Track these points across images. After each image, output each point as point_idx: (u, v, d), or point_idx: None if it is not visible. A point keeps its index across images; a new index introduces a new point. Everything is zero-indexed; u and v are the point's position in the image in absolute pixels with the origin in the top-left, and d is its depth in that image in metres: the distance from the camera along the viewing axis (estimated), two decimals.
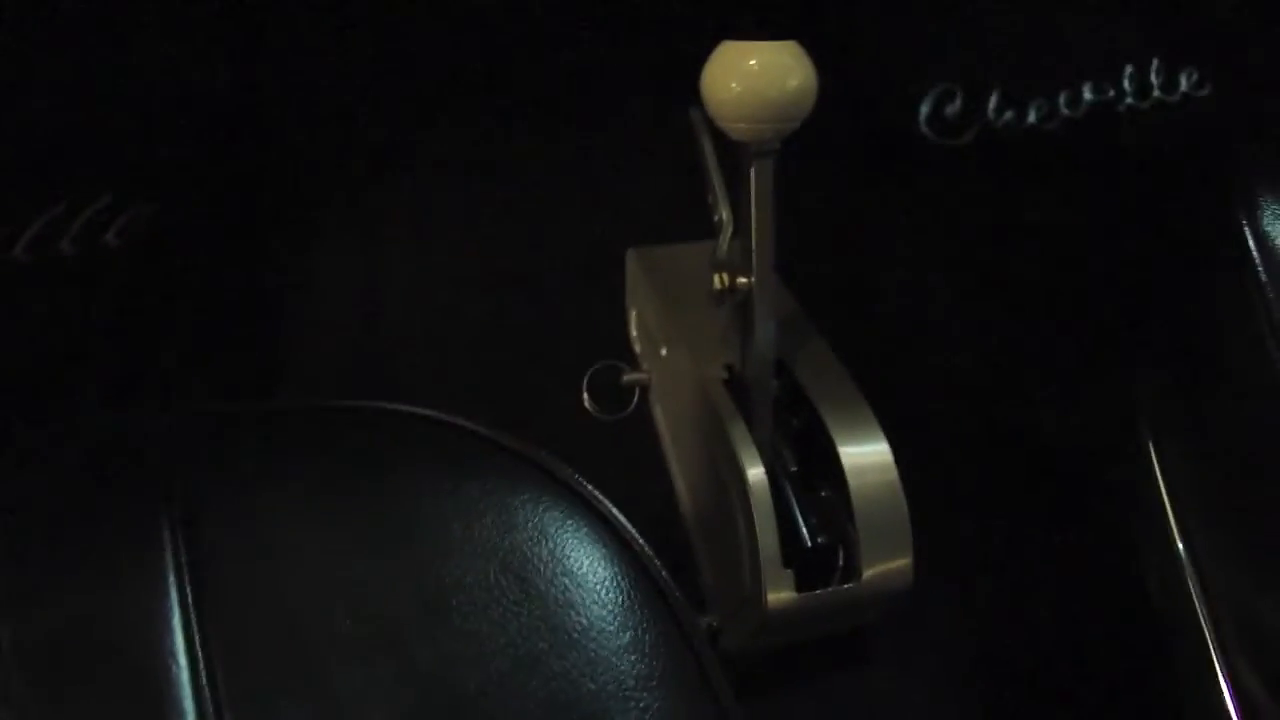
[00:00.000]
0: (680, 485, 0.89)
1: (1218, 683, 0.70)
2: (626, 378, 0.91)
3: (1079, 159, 1.10)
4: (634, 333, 0.95)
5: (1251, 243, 0.66)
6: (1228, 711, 0.69)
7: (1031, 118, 1.11)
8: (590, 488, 0.55)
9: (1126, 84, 1.13)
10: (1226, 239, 0.67)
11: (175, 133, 0.95)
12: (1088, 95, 1.12)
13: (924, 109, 1.10)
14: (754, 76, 0.68)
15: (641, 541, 0.54)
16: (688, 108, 0.81)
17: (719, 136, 0.75)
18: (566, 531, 0.53)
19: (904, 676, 0.89)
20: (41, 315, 0.93)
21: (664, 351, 0.87)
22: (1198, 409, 0.73)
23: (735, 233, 0.77)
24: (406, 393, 0.86)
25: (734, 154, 0.74)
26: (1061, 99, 1.12)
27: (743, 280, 0.75)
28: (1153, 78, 1.14)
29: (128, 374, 0.95)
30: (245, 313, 1.00)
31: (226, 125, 0.98)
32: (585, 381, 0.91)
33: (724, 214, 0.78)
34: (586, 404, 0.91)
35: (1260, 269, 0.65)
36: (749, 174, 0.72)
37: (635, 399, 0.92)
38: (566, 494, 0.54)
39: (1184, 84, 1.14)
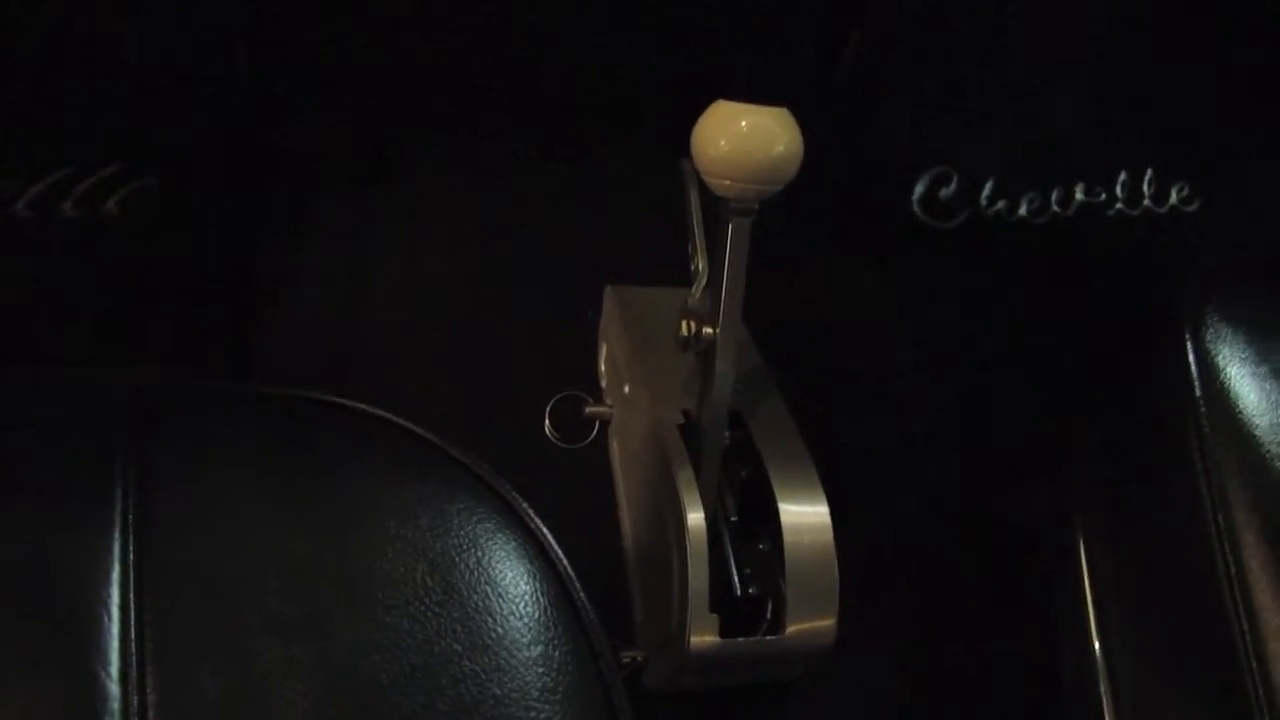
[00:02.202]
0: (625, 520, 0.91)
1: None
2: (589, 410, 0.94)
3: (1061, 255, 1.13)
4: (602, 367, 0.97)
5: (1191, 358, 0.69)
6: None
7: (1023, 210, 1.14)
8: (526, 505, 0.57)
9: (1119, 190, 1.16)
10: (1170, 351, 0.70)
11: (186, 113, 0.98)
12: (1080, 195, 1.16)
13: (918, 189, 1.13)
14: (742, 138, 0.71)
15: (566, 563, 0.56)
16: (680, 158, 0.84)
17: (705, 189, 0.78)
18: (496, 544, 0.55)
19: None
20: (33, 273, 0.96)
21: (627, 389, 0.89)
22: (1126, 512, 0.75)
23: (708, 283, 0.79)
24: (372, 391, 0.88)
25: (716, 208, 0.76)
26: (1055, 196, 1.15)
27: (708, 330, 0.77)
28: (1145, 187, 1.17)
29: (107, 339, 0.97)
30: (229, 295, 1.02)
31: (236, 113, 1.01)
32: (548, 408, 0.93)
33: (700, 264, 0.81)
34: (547, 430, 0.93)
35: (1196, 384, 0.68)
36: (727, 231, 0.74)
37: (595, 431, 0.94)
38: (502, 508, 0.56)
39: (1174, 197, 1.18)
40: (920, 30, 1.13)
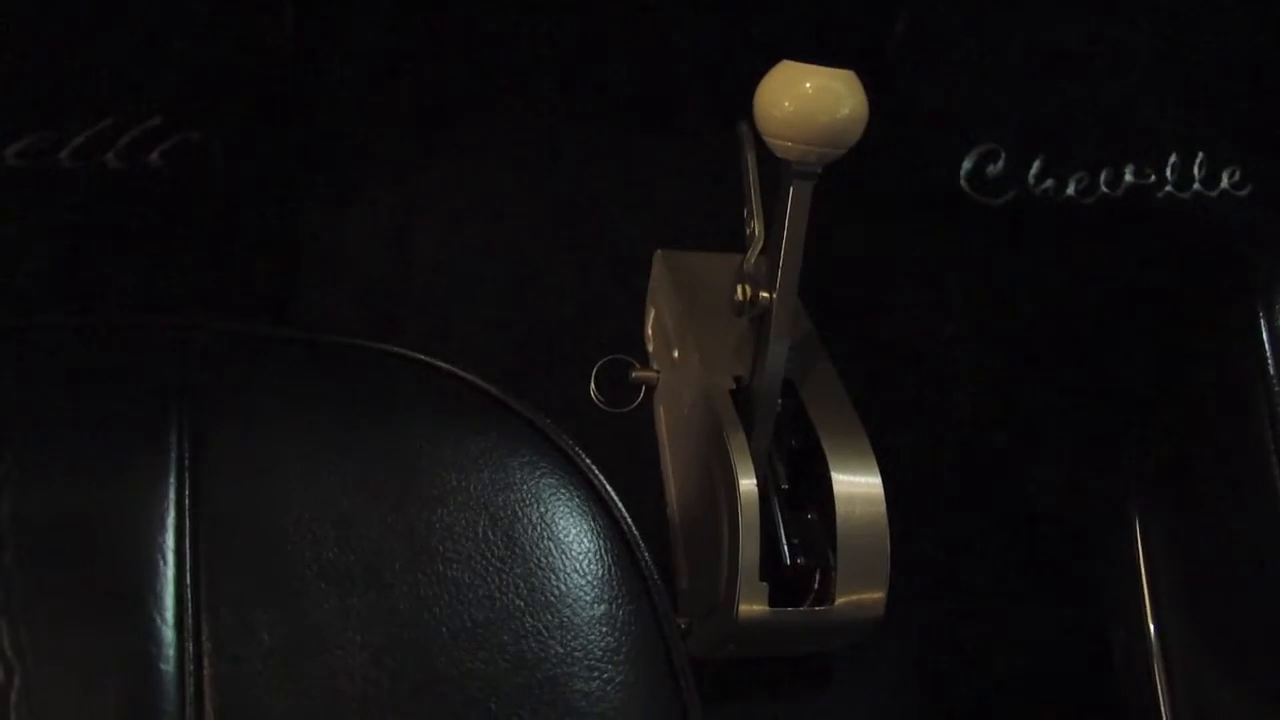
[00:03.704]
0: (671, 486, 0.90)
1: None
2: (635, 374, 0.92)
3: (1109, 237, 1.11)
4: (649, 331, 0.96)
5: (1266, 339, 0.67)
6: None
7: (1071, 189, 1.13)
8: (589, 461, 0.56)
9: (1169, 172, 1.15)
10: (1242, 335, 0.69)
11: (234, 71, 0.97)
12: (1129, 176, 1.14)
13: (966, 165, 1.11)
14: (807, 99, 0.70)
15: (630, 521, 0.55)
16: (734, 120, 0.83)
17: (763, 152, 0.76)
18: (559, 499, 0.54)
19: (864, 710, 0.90)
20: (76, 223, 0.95)
21: (676, 354, 0.88)
22: (1188, 499, 0.74)
23: (764, 248, 0.78)
24: (420, 346, 0.88)
25: (775, 171, 0.75)
26: (1103, 176, 1.13)
27: (764, 295, 0.76)
28: (1195, 170, 1.15)
29: (149, 293, 0.97)
30: (273, 254, 1.01)
31: (283, 73, 1.00)
32: (594, 372, 0.92)
33: (757, 228, 0.80)
34: (593, 394, 0.92)
35: (1270, 365, 0.67)
36: (787, 193, 0.73)
37: (640, 396, 0.93)
38: (565, 464, 0.55)
39: (1225, 181, 1.16)
40: (970, 5, 1.11)
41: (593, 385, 0.92)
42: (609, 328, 0.98)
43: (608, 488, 0.56)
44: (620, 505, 0.56)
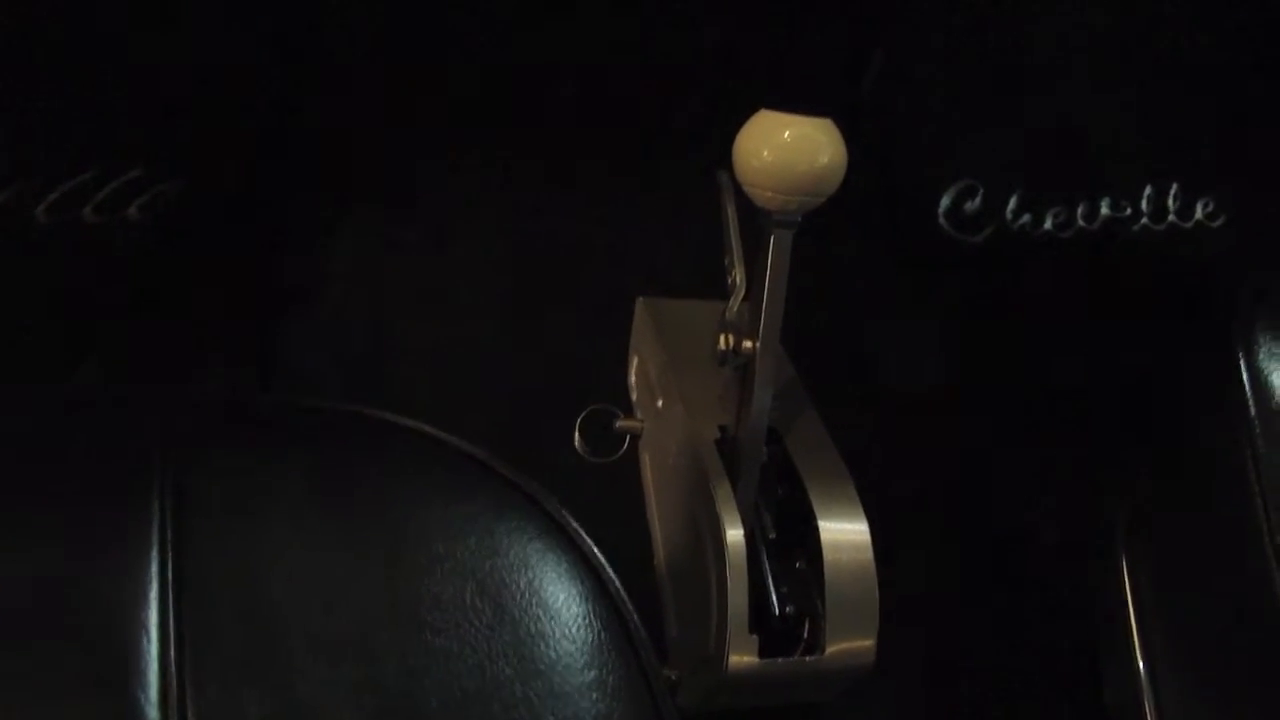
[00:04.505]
0: (658, 535, 0.89)
1: None
2: (619, 424, 0.92)
3: (1088, 271, 1.12)
4: (633, 380, 0.96)
5: (1245, 377, 0.67)
6: None
7: (1048, 224, 1.13)
8: (575, 525, 0.56)
9: (1144, 204, 1.15)
10: (1221, 369, 0.69)
11: (212, 119, 0.96)
12: (1105, 210, 1.14)
13: (944, 202, 1.12)
14: (786, 148, 0.70)
15: (618, 584, 0.55)
16: (710, 168, 0.83)
17: (743, 200, 0.76)
18: (547, 564, 0.53)
19: None
20: (53, 279, 0.94)
21: (660, 403, 0.88)
22: (1174, 532, 0.74)
23: (746, 297, 0.78)
24: (402, 404, 0.87)
25: (755, 220, 0.75)
26: (1080, 210, 1.14)
27: (748, 344, 0.76)
28: (1170, 202, 1.16)
29: (130, 347, 0.96)
30: (253, 304, 1.01)
31: (263, 120, 0.99)
32: (578, 422, 0.92)
33: (738, 277, 0.80)
34: (577, 445, 0.92)
35: (1251, 404, 0.67)
36: (768, 242, 0.73)
37: (625, 445, 0.93)
38: (552, 528, 0.55)
39: (1199, 212, 1.16)
40: (945, 43, 1.12)
41: (577, 435, 0.92)
42: (591, 378, 0.97)
43: (595, 551, 0.56)
44: (608, 568, 0.56)
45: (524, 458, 0.85)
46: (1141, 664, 0.73)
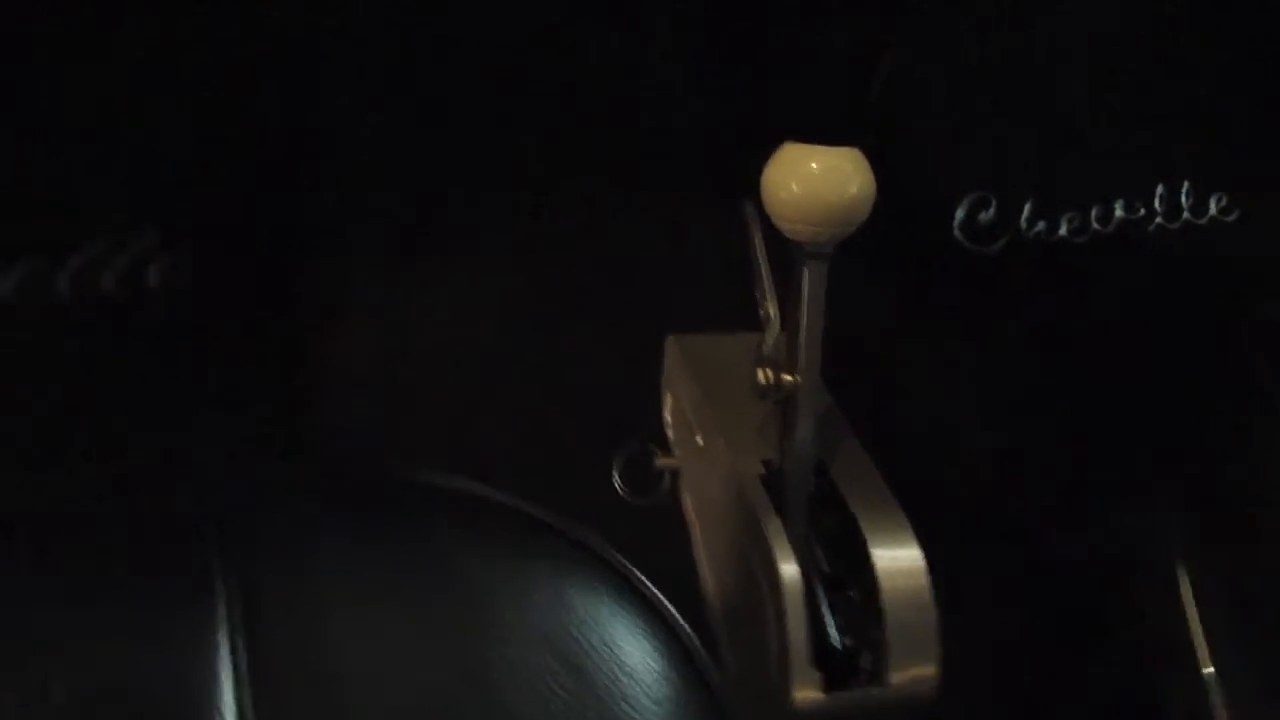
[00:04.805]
0: (707, 571, 0.89)
1: None
2: (659, 462, 0.92)
3: (1109, 274, 1.11)
4: (668, 418, 0.95)
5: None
6: None
7: (1063, 230, 1.13)
8: (643, 577, 0.56)
9: (1158, 204, 1.15)
10: (1258, 375, 0.68)
11: (219, 179, 0.96)
12: (1119, 212, 1.14)
13: (959, 214, 1.11)
14: (815, 180, 0.69)
15: (691, 633, 0.54)
16: (735, 200, 0.83)
17: (770, 232, 0.76)
18: (620, 621, 0.53)
19: None
20: (77, 354, 0.94)
21: (700, 440, 0.87)
22: (1237, 535, 0.73)
23: (782, 329, 0.78)
24: (434, 456, 0.86)
25: (785, 251, 0.75)
26: (1094, 213, 1.13)
27: (788, 378, 0.76)
28: (1183, 199, 1.15)
29: (162, 415, 0.95)
30: (278, 361, 1.00)
31: (270, 173, 0.99)
32: (617, 462, 0.91)
33: (771, 310, 0.80)
34: (617, 485, 0.92)
35: None
36: (802, 275, 0.73)
37: (665, 482, 0.92)
38: (619, 582, 0.54)
39: (1213, 208, 1.16)
40: (949, 53, 1.12)
41: (616, 476, 0.91)
42: (625, 418, 0.97)
43: (664, 601, 0.55)
44: (679, 618, 0.55)
45: (562, 501, 0.85)
46: (1212, 673, 0.72)
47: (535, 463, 0.96)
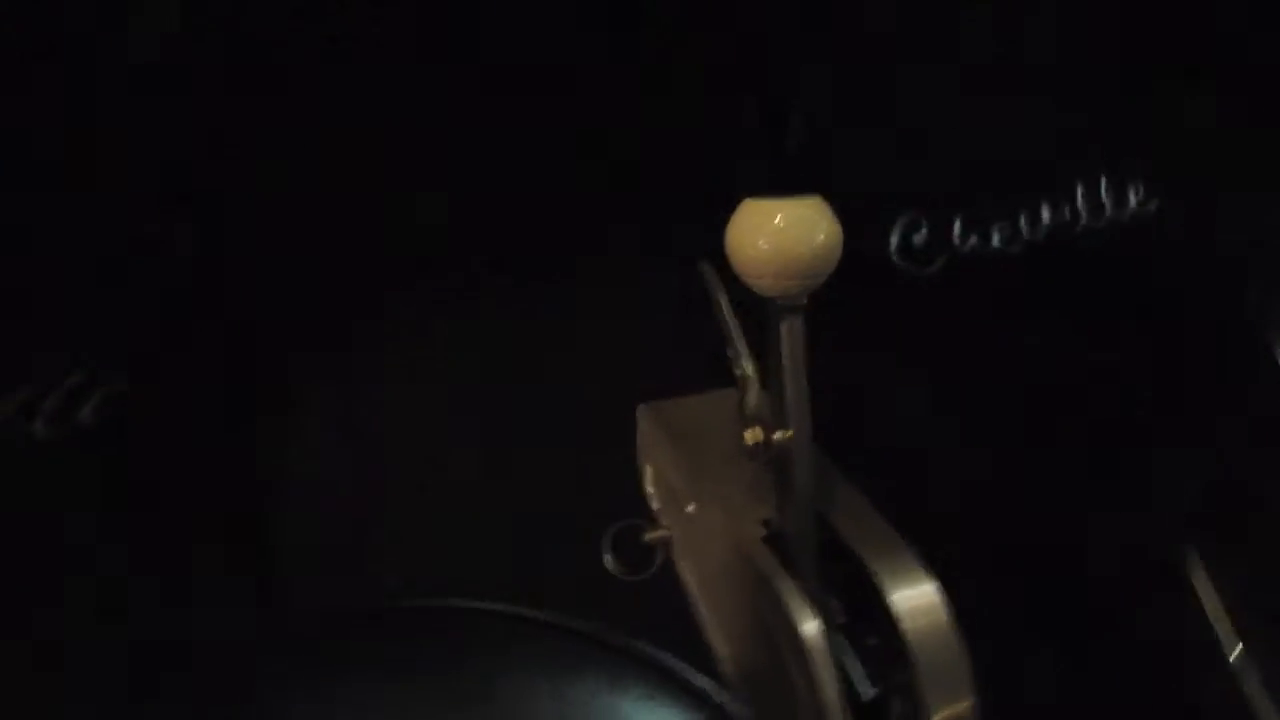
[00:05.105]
0: (719, 642, 0.87)
1: None
2: (649, 536, 0.90)
3: (1054, 280, 1.12)
4: (650, 489, 0.94)
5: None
6: None
7: (995, 242, 1.14)
8: (687, 666, 0.54)
9: (1080, 202, 1.17)
10: (1250, 355, 0.69)
11: (142, 305, 0.93)
12: (1046, 217, 1.15)
13: (893, 240, 1.12)
14: (781, 234, 0.69)
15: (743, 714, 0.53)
16: (696, 263, 0.82)
17: (733, 288, 0.75)
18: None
19: None
20: (17, 506, 0.89)
21: (690, 508, 0.86)
22: (1248, 523, 0.73)
23: (762, 387, 0.77)
24: (416, 568, 0.83)
25: (756, 307, 0.74)
26: (1021, 221, 1.15)
27: (778, 435, 0.74)
28: (1103, 195, 1.17)
29: (121, 561, 0.91)
30: (232, 488, 0.96)
31: (195, 295, 0.96)
32: (607, 541, 0.89)
33: (747, 367, 0.79)
34: (609, 565, 0.89)
35: None
36: (778, 331, 0.72)
37: (659, 557, 0.90)
38: (673, 687, 0.52)
39: (1132, 200, 1.18)
40: (855, 91, 1.13)
41: (608, 555, 0.89)
42: (604, 496, 0.95)
43: (714, 688, 0.53)
44: (728, 701, 0.53)
45: (555, 591, 0.82)
46: (1242, 664, 0.72)
47: (519, 557, 0.94)
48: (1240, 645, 0.73)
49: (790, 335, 0.72)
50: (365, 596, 0.86)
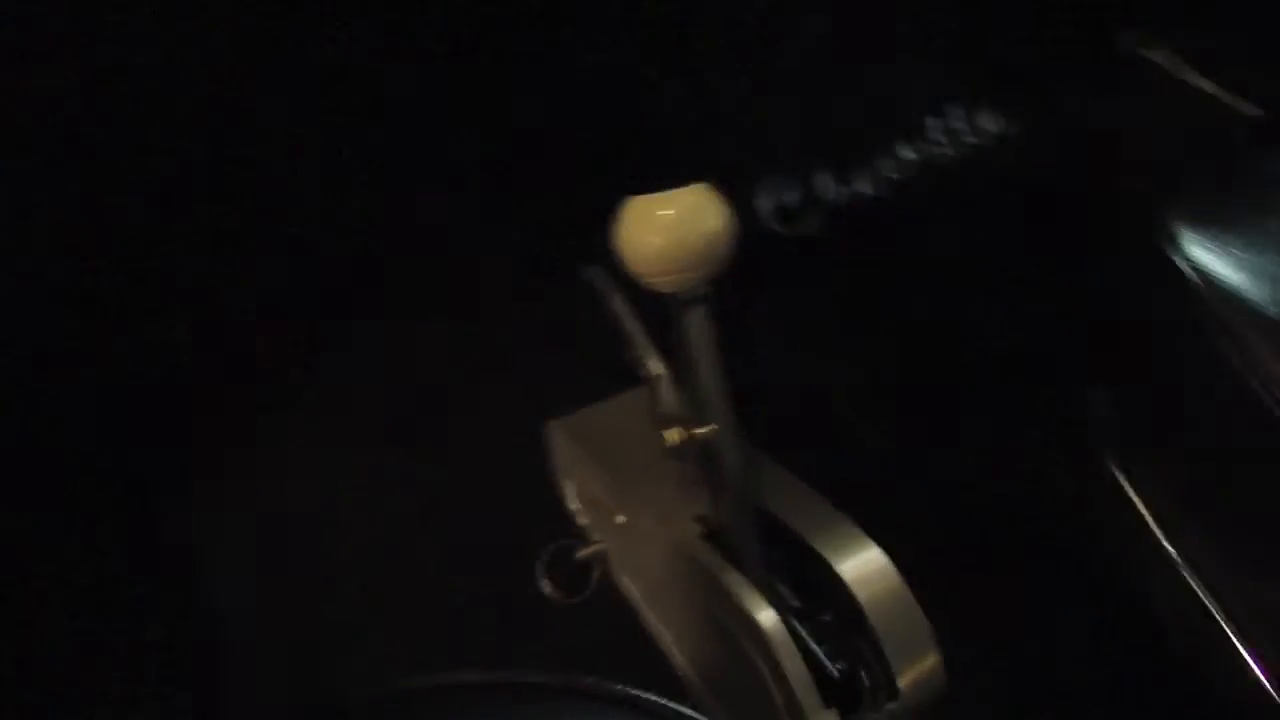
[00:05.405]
0: (673, 649, 0.85)
1: (1247, 668, 0.70)
2: (581, 554, 0.87)
3: (931, 215, 1.12)
4: (575, 505, 0.91)
5: (1183, 267, 0.68)
6: (1264, 688, 0.70)
7: (865, 189, 1.13)
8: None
9: (938, 135, 1.17)
10: (1154, 269, 0.69)
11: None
12: (908, 155, 1.15)
13: (765, 204, 1.10)
14: (673, 226, 0.66)
15: None
16: (581, 270, 0.79)
17: (627, 288, 0.73)
18: None
19: None
20: None
21: (620, 519, 0.83)
22: (1166, 432, 0.74)
23: (674, 384, 0.74)
24: (355, 631, 0.79)
25: (655, 304, 0.72)
26: (883, 164, 1.14)
27: (701, 430, 0.72)
28: (958, 124, 1.17)
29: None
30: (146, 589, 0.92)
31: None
32: (541, 569, 0.86)
33: (653, 366, 0.76)
34: (546, 591, 0.86)
35: (1199, 286, 0.67)
36: (685, 324, 0.70)
37: (596, 573, 0.87)
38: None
39: (987, 124, 1.19)
40: (708, 52, 1.11)
41: (545, 582, 0.86)
42: (527, 519, 0.92)
43: None
44: None
45: (494, 631, 0.80)
46: (1189, 570, 0.72)
47: (454, 605, 0.91)
48: (1177, 553, 0.73)
49: (696, 328, 0.70)
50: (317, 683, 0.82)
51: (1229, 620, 0.71)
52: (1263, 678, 0.71)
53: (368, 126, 0.97)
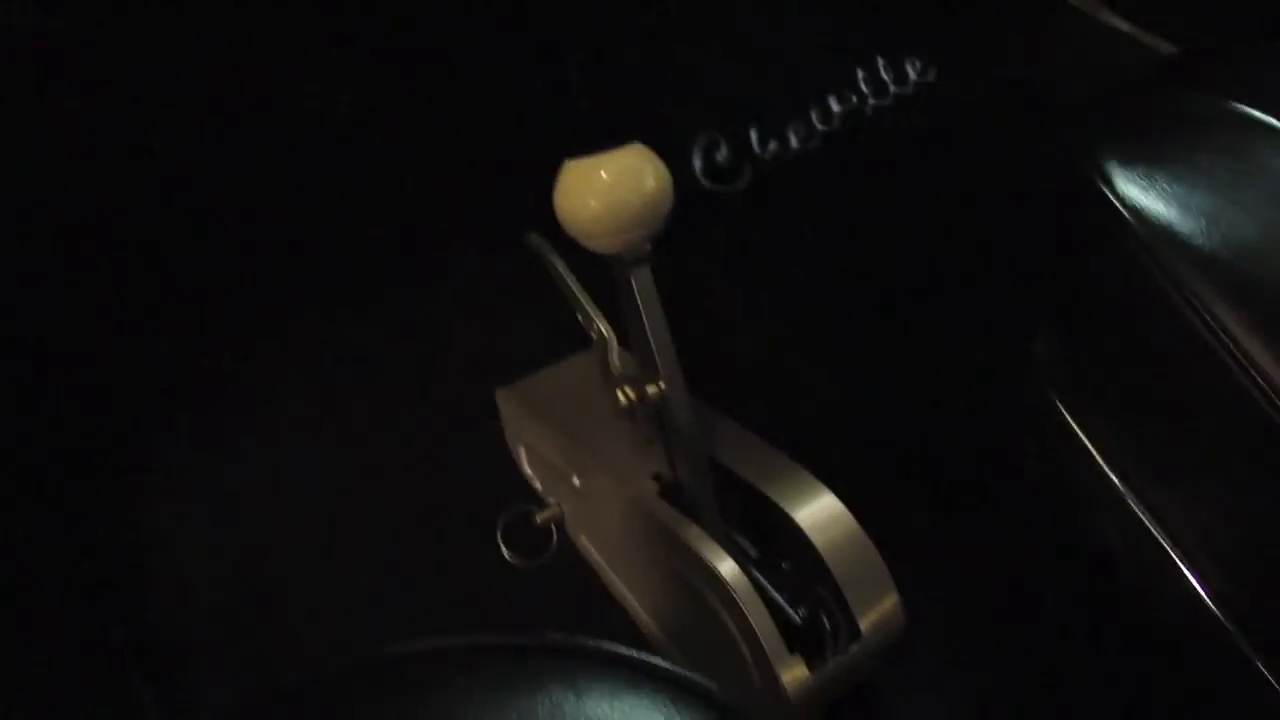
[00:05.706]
0: (635, 606, 0.86)
1: (1193, 591, 0.72)
2: (540, 518, 0.87)
3: (863, 165, 1.13)
4: (529, 471, 0.91)
5: (1115, 204, 0.69)
6: (1212, 614, 0.72)
7: (794, 142, 1.14)
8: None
9: (865, 86, 1.18)
10: (1089, 207, 0.70)
11: None
12: (835, 106, 1.16)
13: (696, 164, 1.11)
14: (611, 188, 0.67)
15: None
16: (524, 236, 0.79)
17: (569, 252, 0.73)
18: None
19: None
20: None
21: (576, 481, 0.84)
22: (1108, 368, 0.75)
23: (622, 345, 0.75)
24: (314, 598, 0.79)
25: (594, 267, 0.72)
26: (813, 116, 1.15)
27: (651, 389, 0.73)
28: (884, 75, 1.18)
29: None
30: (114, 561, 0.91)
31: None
32: (499, 535, 0.87)
33: (601, 328, 0.77)
34: (507, 556, 0.87)
35: (1132, 223, 0.68)
36: (630, 285, 0.70)
37: (555, 536, 0.88)
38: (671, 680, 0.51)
39: (913, 74, 1.20)
40: (618, 27, 1.12)
41: (504, 548, 0.87)
42: (481, 487, 0.92)
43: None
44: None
45: (458, 600, 0.80)
46: (1138, 503, 0.74)
47: (411, 576, 0.91)
48: (1124, 486, 0.75)
49: (642, 288, 0.71)
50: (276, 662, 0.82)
51: (1175, 546, 0.73)
52: (1207, 599, 0.72)
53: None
